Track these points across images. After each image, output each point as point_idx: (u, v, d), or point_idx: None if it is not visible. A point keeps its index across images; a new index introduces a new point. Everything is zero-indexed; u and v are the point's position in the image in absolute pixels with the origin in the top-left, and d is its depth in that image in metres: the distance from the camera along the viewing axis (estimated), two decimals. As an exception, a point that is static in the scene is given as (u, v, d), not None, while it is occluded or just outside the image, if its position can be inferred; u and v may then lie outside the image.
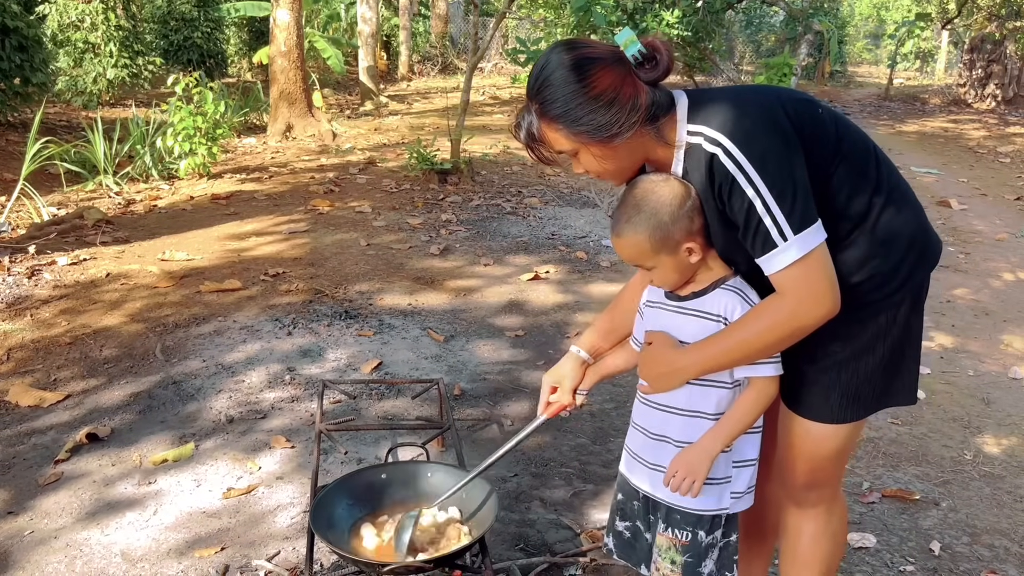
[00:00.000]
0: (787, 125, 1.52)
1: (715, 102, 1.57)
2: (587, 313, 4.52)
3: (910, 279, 1.65)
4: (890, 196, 1.62)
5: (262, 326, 4.14)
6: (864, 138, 1.66)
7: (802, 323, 1.52)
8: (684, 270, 1.65)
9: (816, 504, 1.80)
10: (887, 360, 1.67)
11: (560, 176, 8.36)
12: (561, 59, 1.52)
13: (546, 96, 1.53)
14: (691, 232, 1.60)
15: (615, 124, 1.50)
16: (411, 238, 5.89)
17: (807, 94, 1.68)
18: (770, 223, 1.48)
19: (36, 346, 3.88)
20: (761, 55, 21.45)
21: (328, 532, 1.91)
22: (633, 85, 1.51)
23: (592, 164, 1.60)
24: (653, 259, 1.62)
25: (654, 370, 1.69)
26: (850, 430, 1.73)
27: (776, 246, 1.48)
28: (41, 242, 5.38)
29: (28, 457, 2.98)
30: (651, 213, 1.58)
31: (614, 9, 12.10)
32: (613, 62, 1.51)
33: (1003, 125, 13.52)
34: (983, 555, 2.56)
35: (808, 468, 1.76)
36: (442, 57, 19.47)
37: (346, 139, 10.34)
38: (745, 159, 1.48)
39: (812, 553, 1.82)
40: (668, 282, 1.68)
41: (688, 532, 1.72)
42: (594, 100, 1.49)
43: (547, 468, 2.97)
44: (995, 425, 3.43)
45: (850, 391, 1.67)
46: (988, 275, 5.54)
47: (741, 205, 1.50)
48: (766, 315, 1.55)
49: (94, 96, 11.20)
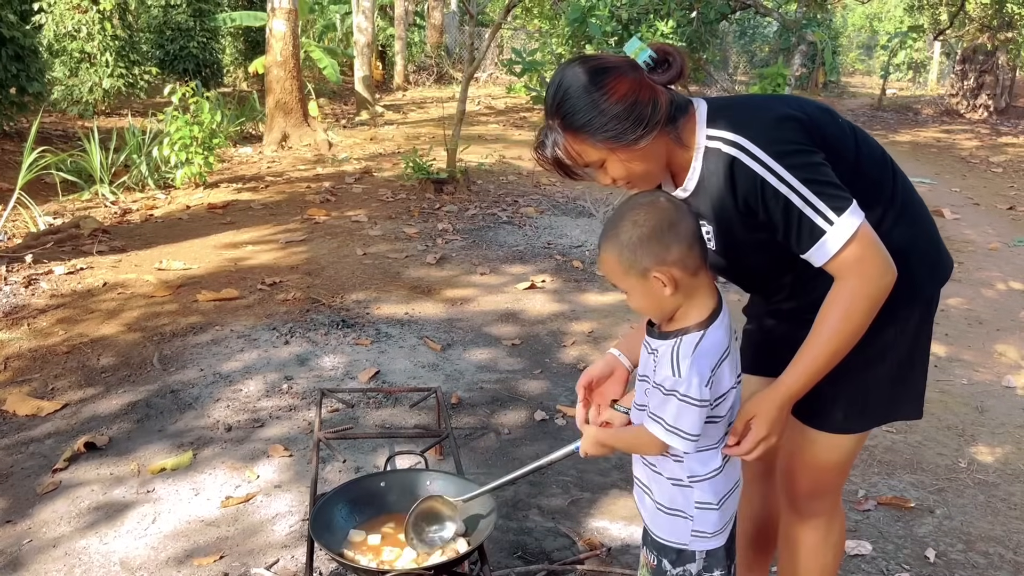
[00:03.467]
0: (805, 122, 1.55)
1: (733, 107, 1.60)
2: (583, 322, 4.54)
3: (919, 294, 1.66)
4: (903, 210, 1.64)
5: (259, 335, 4.15)
6: (881, 152, 1.68)
7: (874, 298, 1.51)
8: (658, 301, 1.54)
9: (817, 514, 1.81)
10: (894, 373, 1.68)
11: (556, 185, 8.39)
12: (576, 72, 1.53)
13: (567, 110, 1.53)
14: (664, 262, 1.49)
15: (638, 127, 1.50)
16: (407, 247, 5.90)
17: (827, 105, 1.70)
18: (812, 213, 1.48)
19: (33, 355, 3.88)
20: (755, 65, 21.58)
21: (328, 539, 1.92)
22: (650, 88, 1.52)
23: (620, 171, 1.58)
24: (624, 281, 1.55)
25: (774, 426, 1.59)
26: (854, 441, 1.74)
27: (824, 232, 1.48)
28: (38, 251, 5.37)
29: (26, 466, 2.98)
30: (624, 233, 1.52)
31: (609, 20, 12.17)
32: (627, 69, 1.53)
33: (995, 135, 13.61)
34: (978, 562, 2.57)
35: (811, 477, 1.76)
36: (437, 67, 19.52)
37: (342, 148, 10.36)
38: (769, 157, 1.49)
39: (811, 563, 1.83)
40: (642, 309, 1.59)
41: (654, 556, 1.68)
42: (615, 106, 1.50)
43: (544, 476, 2.98)
44: (989, 433, 3.46)
45: (856, 402, 1.68)
46: (981, 284, 5.57)
47: (776, 204, 1.50)
48: (837, 306, 1.52)
49: (90, 106, 11.20)
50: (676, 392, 1.49)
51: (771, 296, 1.76)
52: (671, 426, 1.50)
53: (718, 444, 1.60)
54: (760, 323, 1.86)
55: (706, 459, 1.60)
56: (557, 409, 3.50)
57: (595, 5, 12.21)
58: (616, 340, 4.19)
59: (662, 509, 1.65)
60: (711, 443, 1.59)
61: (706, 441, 1.58)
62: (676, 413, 1.49)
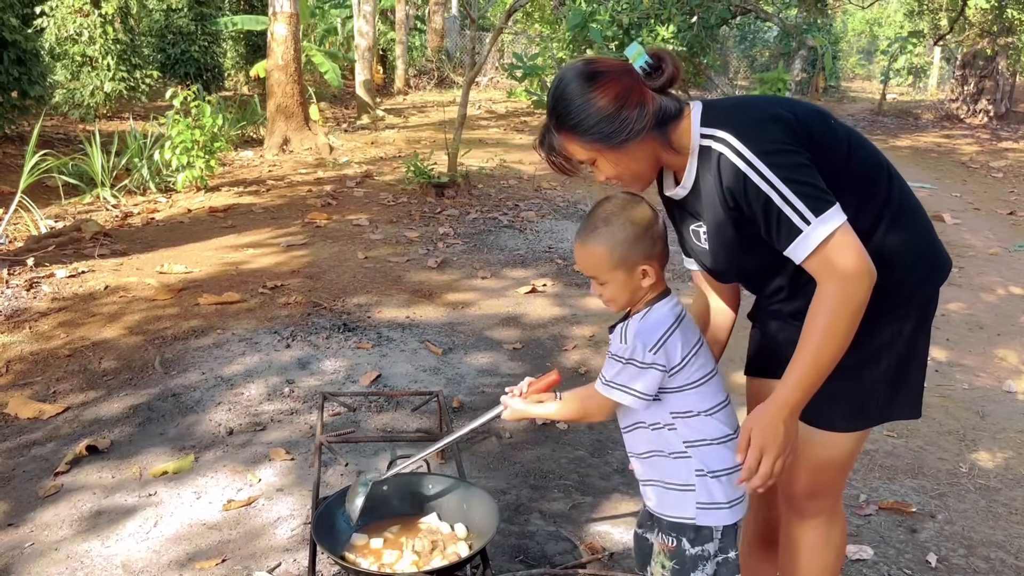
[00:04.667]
0: (792, 122, 1.58)
1: (725, 107, 1.65)
2: (584, 326, 4.54)
3: (916, 293, 1.68)
4: (899, 212, 1.65)
5: (261, 338, 4.16)
6: (877, 154, 1.70)
7: (855, 301, 1.51)
8: (634, 292, 1.69)
9: (816, 514, 1.82)
10: (892, 372, 1.69)
11: (556, 189, 8.40)
12: (573, 74, 1.61)
13: (560, 110, 1.62)
14: (651, 256, 1.66)
15: (623, 130, 1.57)
16: (408, 251, 5.91)
17: (822, 107, 1.73)
18: (790, 211, 1.51)
19: (35, 358, 3.88)
20: (755, 70, 21.60)
21: (331, 542, 1.92)
22: (640, 92, 1.58)
23: (610, 170, 1.67)
24: (609, 274, 1.67)
25: (771, 436, 1.60)
26: (852, 441, 1.75)
27: (800, 231, 1.51)
28: (39, 255, 5.38)
29: (28, 469, 2.98)
30: (618, 229, 1.64)
31: (610, 24, 12.20)
32: (621, 73, 1.59)
33: (995, 140, 13.63)
34: (979, 567, 2.57)
35: (809, 476, 1.77)
36: (438, 71, 19.54)
37: (343, 152, 10.37)
38: (752, 153, 1.53)
39: (811, 563, 1.84)
40: (616, 300, 1.71)
41: (673, 538, 1.75)
42: (603, 108, 1.57)
43: (546, 480, 2.99)
44: (990, 438, 3.46)
45: (854, 401, 1.69)
46: (981, 289, 5.58)
47: (757, 200, 1.54)
48: (821, 311, 1.54)
49: (92, 109, 11.22)
50: (624, 358, 1.66)
51: (771, 297, 1.78)
52: (621, 385, 1.67)
53: (711, 409, 1.71)
54: (764, 327, 1.88)
55: (699, 426, 1.70)
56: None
57: (596, 10, 12.24)
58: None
59: (669, 487, 1.73)
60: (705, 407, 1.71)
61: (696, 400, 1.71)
62: (625, 374, 1.66)
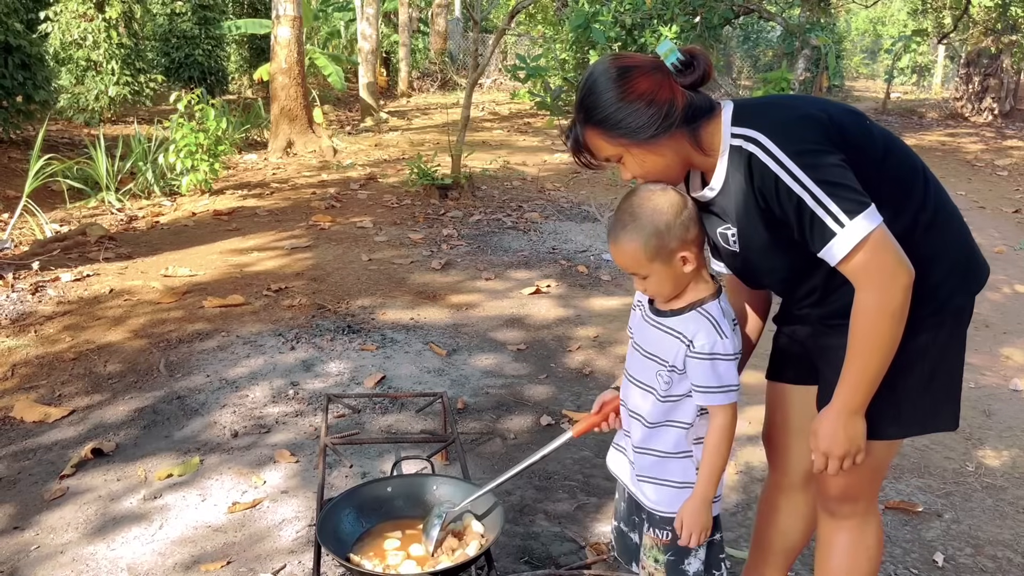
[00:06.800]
0: (826, 122, 1.55)
1: (758, 106, 1.62)
2: (588, 327, 4.54)
3: (951, 300, 1.64)
4: (935, 216, 1.63)
5: (265, 341, 4.16)
6: (913, 157, 1.67)
7: (893, 304, 1.50)
8: (678, 280, 1.67)
9: (849, 517, 1.80)
10: (927, 380, 1.66)
11: (560, 190, 8.40)
12: (604, 69, 1.59)
13: (588, 104, 1.60)
14: (686, 241, 1.63)
15: (651, 126, 1.55)
16: (412, 253, 5.91)
17: (856, 108, 1.70)
18: (823, 214, 1.48)
19: (40, 362, 3.89)
20: (759, 70, 21.57)
21: (335, 545, 1.92)
22: (670, 89, 1.56)
23: (636, 168, 1.64)
24: (647, 267, 1.64)
25: (832, 442, 1.63)
26: (885, 448, 1.72)
27: (835, 235, 1.48)
28: (44, 258, 5.40)
29: (33, 472, 2.99)
30: (647, 220, 1.61)
31: (612, 25, 12.18)
32: (652, 69, 1.57)
33: (1000, 138, 13.59)
34: (986, 566, 2.56)
35: (842, 480, 1.74)
36: (441, 73, 19.56)
37: (347, 155, 10.38)
38: (784, 154, 1.50)
39: (844, 565, 1.82)
40: (662, 293, 1.69)
41: (667, 531, 1.77)
42: (631, 104, 1.55)
43: (551, 481, 2.98)
44: (996, 437, 3.45)
45: (889, 407, 1.66)
46: (987, 288, 5.50)
47: (790, 202, 1.51)
48: (861, 318, 1.53)
49: (96, 113, 11.26)
50: (718, 354, 1.63)
51: (801, 301, 1.75)
52: (728, 386, 1.65)
53: None
54: (792, 334, 1.87)
55: (705, 423, 1.72)
56: (563, 414, 3.50)
57: (599, 11, 12.23)
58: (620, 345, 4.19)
59: (668, 484, 1.76)
60: None
61: None
62: (724, 372, 1.64)
